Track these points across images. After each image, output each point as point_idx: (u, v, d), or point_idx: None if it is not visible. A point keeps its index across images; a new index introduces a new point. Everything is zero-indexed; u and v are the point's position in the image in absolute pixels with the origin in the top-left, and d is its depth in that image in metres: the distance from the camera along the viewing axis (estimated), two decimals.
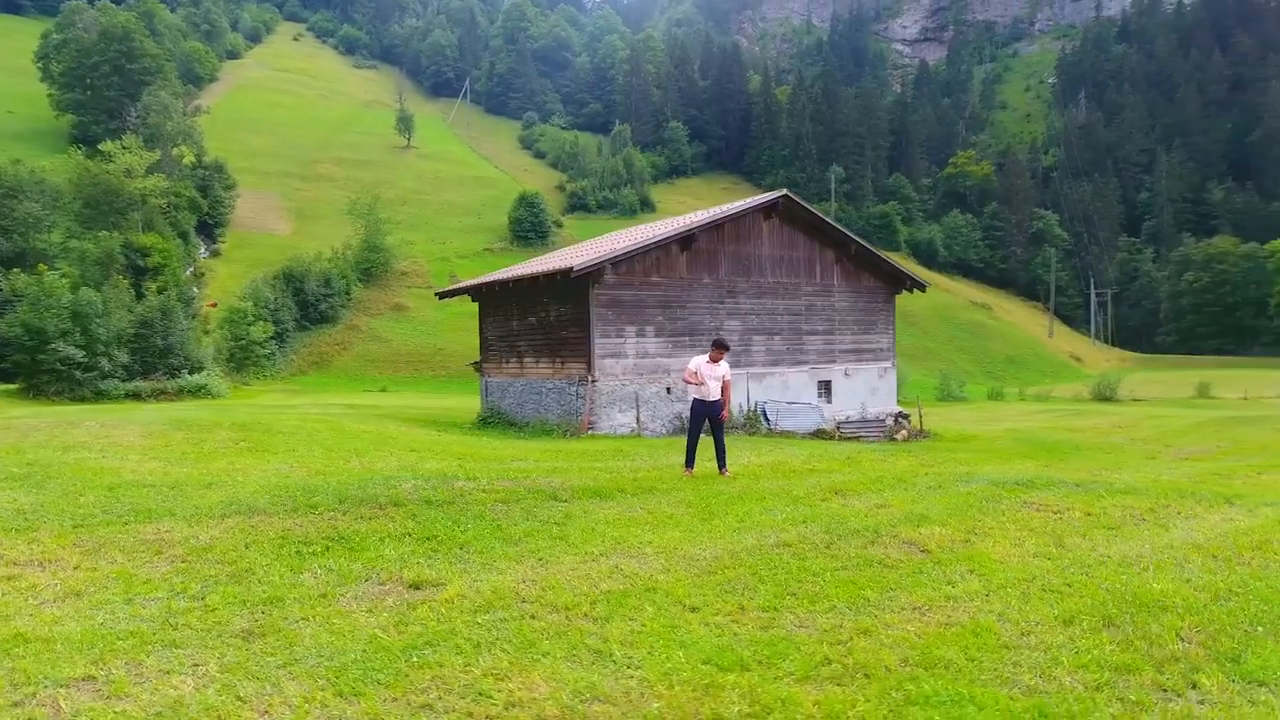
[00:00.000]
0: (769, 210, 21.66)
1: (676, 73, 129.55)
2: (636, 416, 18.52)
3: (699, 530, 6.63)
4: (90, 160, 55.14)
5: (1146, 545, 6.28)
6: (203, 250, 70.41)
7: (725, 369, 10.59)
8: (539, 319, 20.48)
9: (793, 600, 4.78)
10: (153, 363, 40.57)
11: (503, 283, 20.60)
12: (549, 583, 5.02)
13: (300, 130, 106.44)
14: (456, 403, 38.99)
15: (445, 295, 24.15)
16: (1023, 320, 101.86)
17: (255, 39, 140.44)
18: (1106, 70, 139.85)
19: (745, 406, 21.21)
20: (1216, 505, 8.13)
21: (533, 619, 4.38)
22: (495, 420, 21.27)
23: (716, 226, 20.69)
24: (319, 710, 3.27)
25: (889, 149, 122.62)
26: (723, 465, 10.31)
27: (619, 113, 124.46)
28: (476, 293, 22.61)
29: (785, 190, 22.48)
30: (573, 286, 18.90)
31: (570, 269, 17.48)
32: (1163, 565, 5.63)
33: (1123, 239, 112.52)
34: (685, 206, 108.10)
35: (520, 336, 21.28)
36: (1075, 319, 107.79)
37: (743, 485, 9.12)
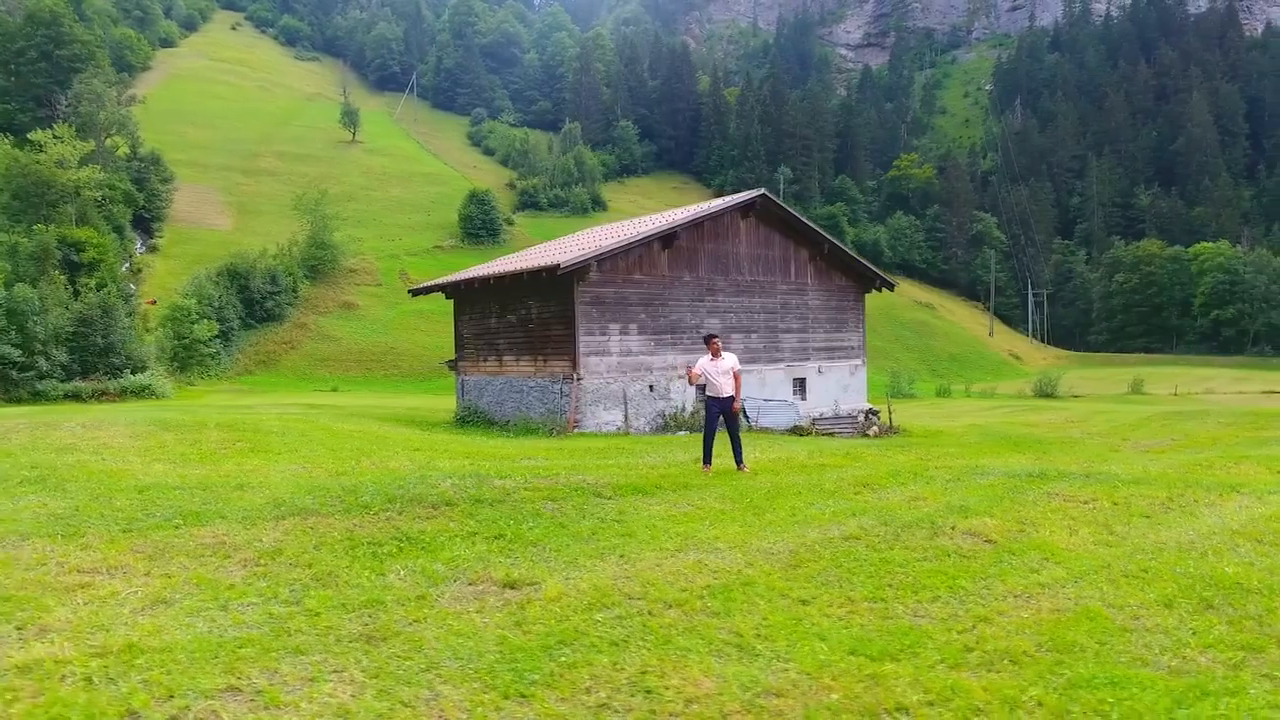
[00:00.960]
0: (747, 209, 21.83)
1: (626, 72, 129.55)
2: (625, 414, 18.45)
3: (755, 525, 6.62)
4: (19, 150, 52.46)
5: (1190, 531, 6.50)
6: (139, 245, 67.63)
7: (732, 361, 10.60)
8: (519, 316, 20.23)
9: (896, 591, 4.81)
10: (93, 362, 38.88)
11: (483, 279, 20.29)
12: (644, 579, 4.95)
13: (240, 122, 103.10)
14: (419, 402, 38.28)
15: (419, 292, 23.66)
16: (964, 319, 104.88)
17: (190, 27, 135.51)
18: (1040, 79, 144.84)
19: None
20: (1227, 494, 8.47)
21: (651, 615, 4.31)
22: (474, 419, 20.94)
23: (696, 225, 20.76)
24: (494, 713, 3.15)
25: (835, 151, 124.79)
26: (739, 461, 10.33)
27: (569, 110, 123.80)
28: (454, 289, 22.21)
29: (763, 190, 22.67)
30: (556, 284, 18.73)
31: (557, 266, 17.31)
32: (1219, 550, 5.84)
33: (1057, 241, 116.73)
34: (636, 206, 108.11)
35: (499, 334, 20.99)
36: (1013, 318, 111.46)
37: (769, 480, 9.14)
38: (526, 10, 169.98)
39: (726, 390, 10.37)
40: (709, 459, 10.30)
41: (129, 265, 62.65)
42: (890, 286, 25.97)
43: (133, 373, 39.27)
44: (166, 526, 5.63)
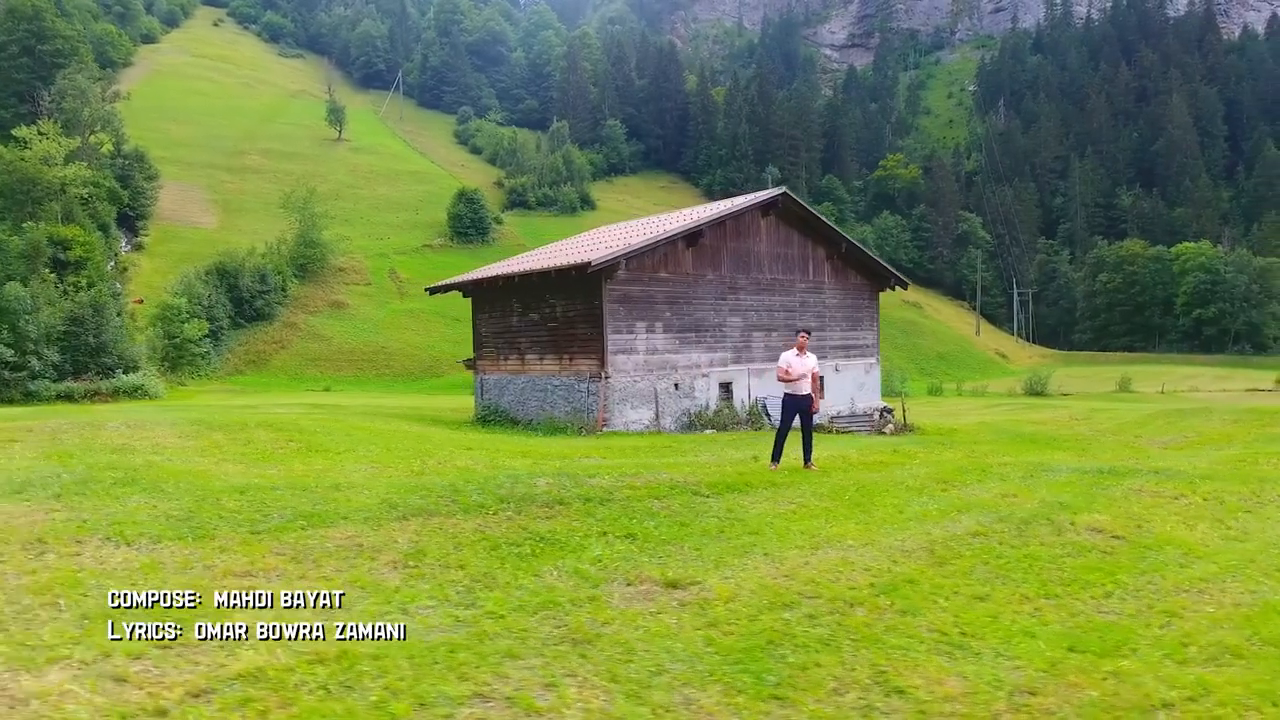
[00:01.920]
0: (768, 208, 21.79)
1: (614, 71, 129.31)
2: (656, 412, 18.35)
3: (869, 522, 6.56)
4: (3, 147, 51.39)
5: None
6: (124, 244, 66.49)
7: (813, 361, 10.59)
8: (543, 315, 20.05)
9: (1065, 588, 4.77)
10: (85, 362, 38.17)
11: (506, 277, 20.09)
12: (803, 578, 4.86)
13: (224, 120, 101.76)
14: (419, 402, 37.87)
15: (436, 291, 23.40)
16: (950, 318, 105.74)
17: (172, 23, 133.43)
18: (1023, 80, 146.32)
19: (747, 403, 21.28)
20: None
21: (840, 614, 4.22)
22: (495, 418, 20.73)
23: (719, 223, 20.69)
24: (763, 718, 3.05)
25: (822, 151, 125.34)
26: (808, 459, 10.28)
27: (556, 109, 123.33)
28: (474, 288, 21.98)
29: (784, 188, 22.66)
30: (583, 282, 18.59)
31: (588, 264, 17.17)
32: None
33: (1041, 241, 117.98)
34: (624, 205, 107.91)
35: (521, 333, 20.80)
36: (999, 317, 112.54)
37: (847, 478, 9.07)
38: (512, 8, 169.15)
39: (806, 388, 10.34)
40: (778, 457, 10.24)
41: (114, 264, 61.59)
42: (904, 285, 26.08)
43: (125, 372, 38.56)
44: (292, 528, 5.46)
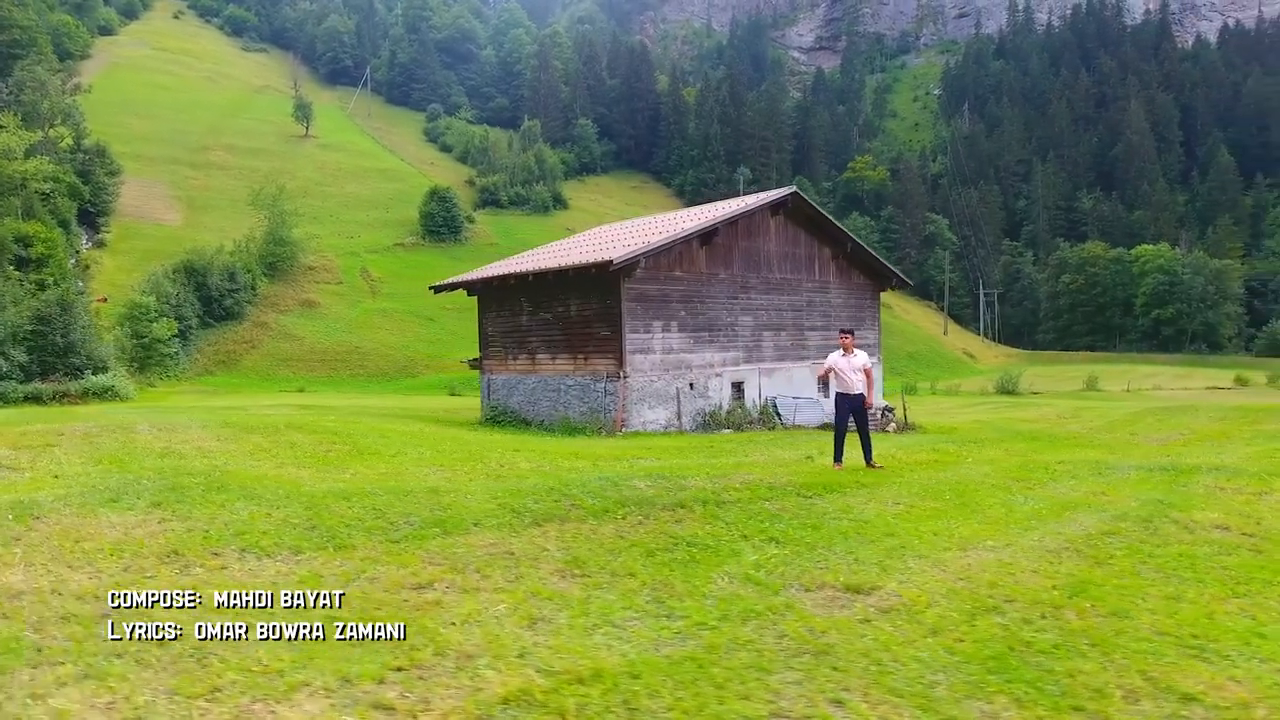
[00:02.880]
0: (777, 207, 21.77)
1: (585, 70, 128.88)
2: (677, 412, 18.18)
3: (989, 522, 6.48)
4: None
5: None
6: (85, 241, 64.36)
7: (864, 359, 10.51)
8: (556, 314, 19.76)
9: (1249, 586, 4.72)
10: (52, 362, 36.81)
11: (518, 276, 19.74)
12: (979, 580, 4.75)
13: (186, 114, 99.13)
14: (403, 402, 37.15)
15: (441, 289, 22.92)
16: (919, 319, 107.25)
17: (131, 15, 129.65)
18: (987, 84, 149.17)
19: (758, 402, 21.23)
20: None
21: (1052, 618, 4.11)
22: (505, 419, 20.38)
23: (731, 222, 20.60)
24: None
25: (792, 153, 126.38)
26: (869, 459, 10.20)
27: (527, 108, 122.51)
28: (483, 286, 21.56)
29: (794, 188, 22.65)
30: (599, 281, 18.35)
31: (609, 262, 16.93)
32: None
33: (1005, 243, 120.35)
34: (596, 204, 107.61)
35: (531, 332, 20.47)
36: (965, 318, 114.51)
37: (925, 477, 8.98)
38: (482, 6, 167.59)
39: (858, 387, 10.24)
40: (840, 457, 10.15)
41: (76, 261, 59.59)
42: (906, 284, 26.26)
43: (94, 373, 37.27)
44: (430, 535, 5.19)
